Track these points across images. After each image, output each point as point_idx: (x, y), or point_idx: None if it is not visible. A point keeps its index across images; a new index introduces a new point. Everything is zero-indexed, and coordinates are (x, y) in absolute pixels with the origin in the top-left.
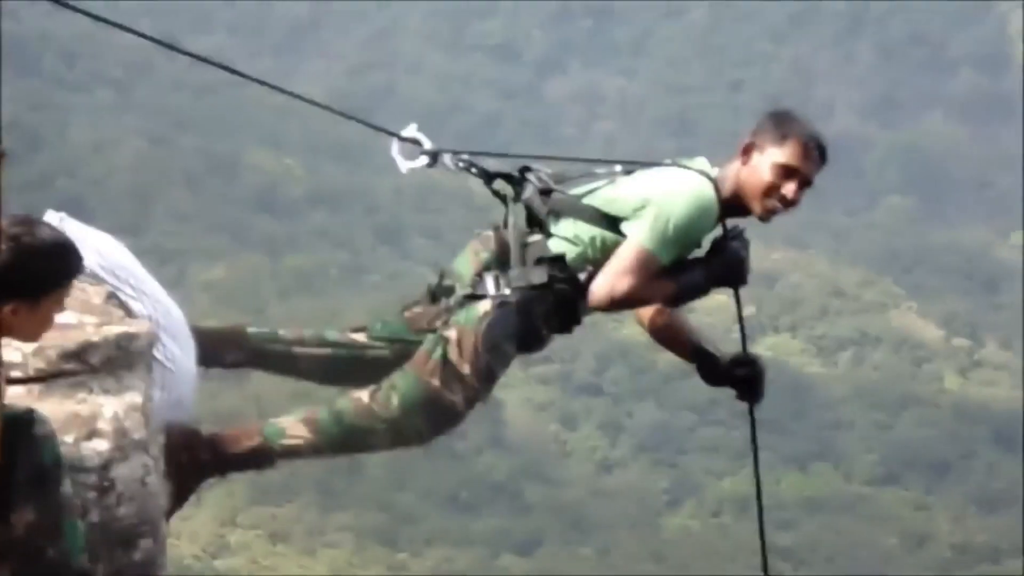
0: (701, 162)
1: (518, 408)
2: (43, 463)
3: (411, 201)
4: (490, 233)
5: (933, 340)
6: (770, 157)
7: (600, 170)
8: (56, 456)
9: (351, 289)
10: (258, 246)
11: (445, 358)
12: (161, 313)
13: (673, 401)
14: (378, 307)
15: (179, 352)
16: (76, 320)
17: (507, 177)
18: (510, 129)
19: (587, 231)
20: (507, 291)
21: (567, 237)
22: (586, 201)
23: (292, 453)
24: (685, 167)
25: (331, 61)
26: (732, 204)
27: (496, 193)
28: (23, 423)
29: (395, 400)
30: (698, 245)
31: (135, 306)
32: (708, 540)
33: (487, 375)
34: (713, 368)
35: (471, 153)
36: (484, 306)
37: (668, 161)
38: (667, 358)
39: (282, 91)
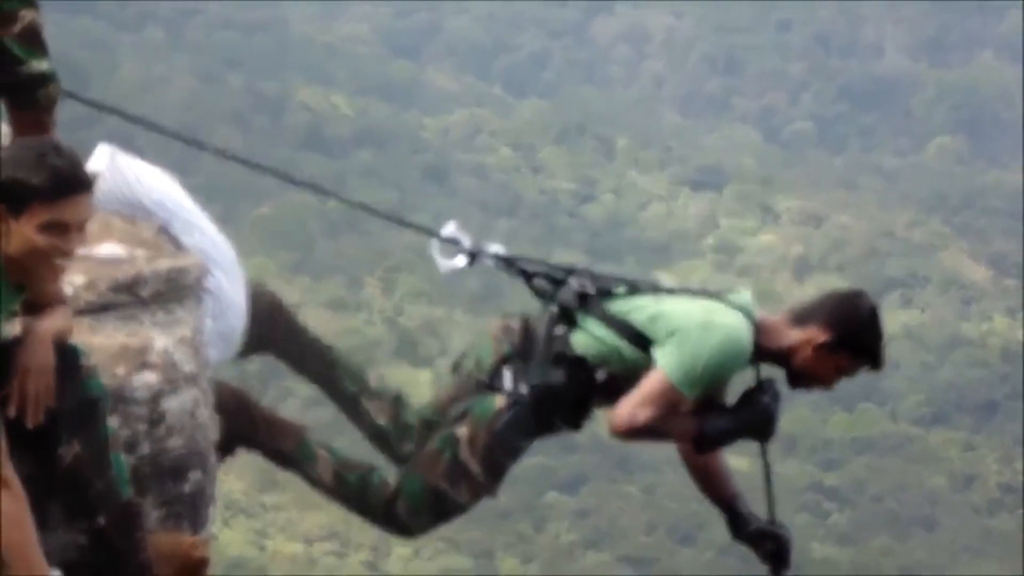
0: (745, 297)
1: None
2: (90, 395)
3: (458, 140)
4: (514, 325)
5: (982, 281)
6: (839, 361)
7: (644, 284)
8: (102, 389)
9: (398, 228)
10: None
11: (455, 458)
12: (211, 246)
13: None
14: (424, 247)
15: (229, 285)
16: (127, 253)
17: (548, 277)
18: (557, 69)
19: (614, 340)
20: (523, 390)
21: (593, 335)
22: (619, 308)
23: (310, 481)
24: (729, 301)
25: (378, 0)
26: (770, 355)
27: (536, 291)
28: (70, 356)
29: (402, 503)
30: (727, 381)
31: (186, 239)
32: (754, 480)
33: (497, 472)
34: (742, 528)
35: (510, 257)
36: (499, 402)
37: (713, 292)
38: None
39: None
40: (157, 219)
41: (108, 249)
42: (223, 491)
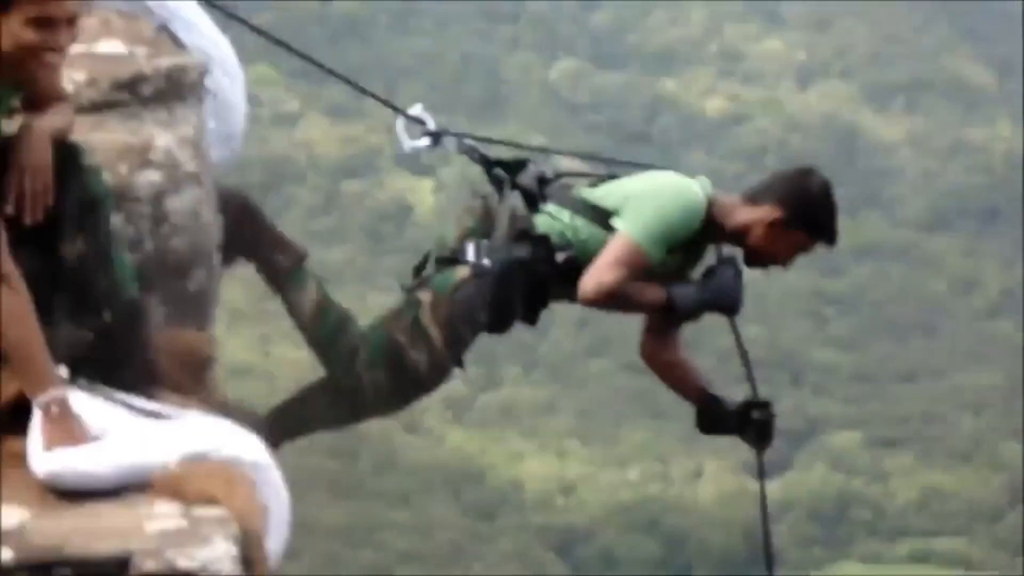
0: (703, 180)
1: (567, 158)
2: (92, 193)
3: None
4: (477, 203)
5: (987, 85)
6: (794, 238)
7: (601, 170)
8: (104, 187)
9: (399, 35)
10: None
11: (416, 320)
12: (212, 46)
13: (723, 148)
14: (427, 53)
15: (230, 85)
16: (127, 51)
17: (506, 166)
18: None
19: (572, 218)
20: (486, 261)
21: (554, 217)
22: (578, 191)
23: (291, 307)
24: (683, 175)
25: None
26: (726, 233)
27: (494, 179)
28: (71, 154)
29: (363, 354)
30: (686, 253)
31: (186, 38)
32: (756, 287)
33: (455, 343)
34: (719, 413)
35: (474, 138)
36: (462, 272)
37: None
38: (717, 106)
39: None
40: (157, 17)
41: (108, 46)
42: (227, 298)
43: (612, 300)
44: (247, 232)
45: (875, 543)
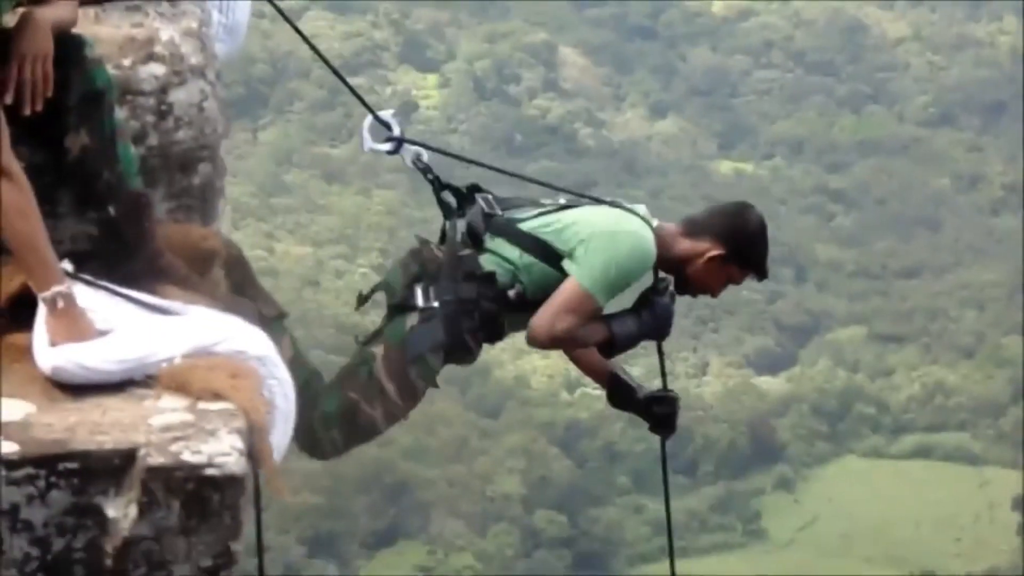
0: (642, 210)
1: (571, 51)
2: (95, 86)
3: None
4: (419, 247)
5: None
6: (730, 272)
7: (546, 200)
8: (108, 80)
9: None
10: None
11: (371, 375)
12: None
13: (728, 44)
14: None
15: None
16: None
17: (456, 192)
18: None
19: (521, 256)
20: (435, 304)
21: (501, 256)
22: (527, 226)
23: None
24: (629, 210)
25: None
26: (664, 262)
27: (442, 202)
28: (75, 47)
29: (319, 414)
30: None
31: None
32: (760, 183)
33: (410, 392)
34: (628, 398)
35: (433, 149)
36: (411, 320)
37: (609, 200)
38: (722, 1)
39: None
40: None
41: None
42: (232, 194)
43: (562, 345)
44: (234, 279)
45: (878, 438)
